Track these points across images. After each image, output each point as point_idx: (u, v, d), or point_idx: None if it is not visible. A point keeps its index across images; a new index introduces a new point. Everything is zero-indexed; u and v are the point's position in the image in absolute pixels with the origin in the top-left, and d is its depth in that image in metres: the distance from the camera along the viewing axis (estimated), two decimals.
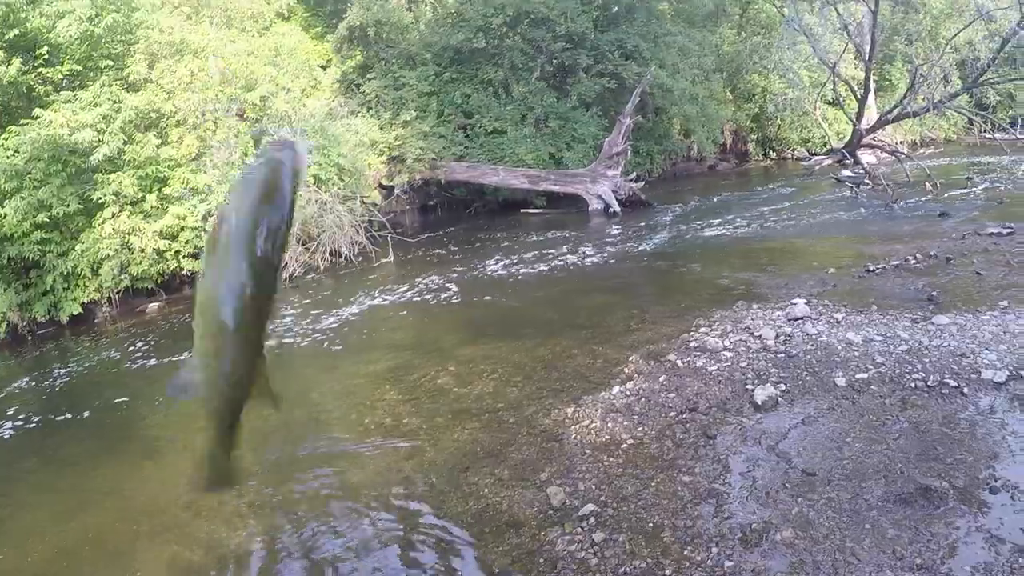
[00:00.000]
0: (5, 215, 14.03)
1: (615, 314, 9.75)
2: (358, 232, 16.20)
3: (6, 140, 14.83)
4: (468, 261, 14.76)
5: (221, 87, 16.57)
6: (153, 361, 11.30)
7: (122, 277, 14.69)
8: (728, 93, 30.60)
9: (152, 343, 12.67)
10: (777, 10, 29.28)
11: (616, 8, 23.63)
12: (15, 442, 9.03)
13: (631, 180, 19.74)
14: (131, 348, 12.59)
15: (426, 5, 24.05)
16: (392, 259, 15.86)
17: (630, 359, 7.49)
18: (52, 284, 14.63)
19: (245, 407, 1.97)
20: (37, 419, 9.61)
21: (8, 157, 14.44)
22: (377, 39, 21.24)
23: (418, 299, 12.28)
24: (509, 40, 21.86)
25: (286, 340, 11.13)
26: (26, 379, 11.96)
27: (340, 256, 15.92)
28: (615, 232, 16.49)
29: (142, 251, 14.58)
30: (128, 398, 9.95)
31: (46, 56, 16.03)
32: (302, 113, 17.63)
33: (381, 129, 18.67)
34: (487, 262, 14.37)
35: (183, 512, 6.09)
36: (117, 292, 14.97)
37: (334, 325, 11.49)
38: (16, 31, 15.52)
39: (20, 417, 9.72)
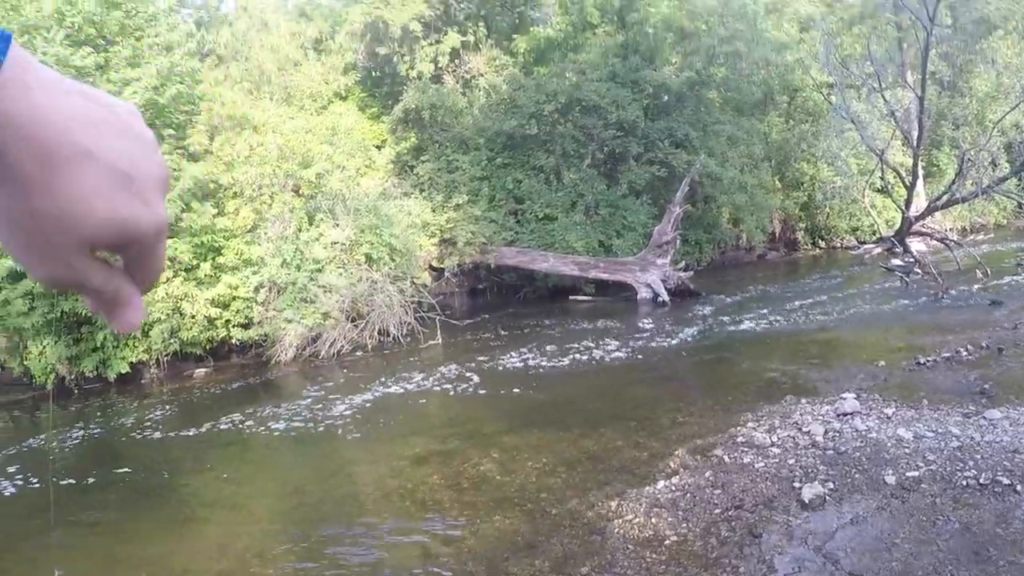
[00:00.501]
0: None
1: (662, 406, 9.61)
2: (407, 312, 16.15)
3: None
4: (515, 347, 14.60)
5: (278, 162, 16.82)
6: (195, 428, 11.24)
7: (171, 341, 14.91)
8: (777, 181, 30.54)
9: (196, 409, 12.74)
10: (824, 98, 29.28)
11: (666, 97, 23.84)
12: (47, 494, 8.99)
13: (680, 269, 19.59)
14: (174, 412, 12.74)
15: (480, 91, 24.42)
16: (440, 341, 15.71)
17: (676, 453, 7.38)
18: (102, 341, 14.91)
19: None
20: (73, 473, 9.67)
21: None
22: (431, 122, 21.54)
23: (464, 383, 12.15)
24: (561, 127, 22.04)
25: (332, 415, 11.07)
26: (68, 431, 12.04)
27: (388, 335, 15.88)
28: (664, 322, 16.28)
29: (193, 317, 14.74)
30: (166, 462, 10.00)
31: None
32: (356, 192, 17.75)
33: (433, 211, 18.78)
34: (534, 348, 14.22)
35: None
36: (166, 355, 15.21)
37: (379, 404, 11.46)
38: None
39: (58, 469, 9.79)
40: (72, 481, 9.34)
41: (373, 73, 26.87)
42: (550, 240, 20.58)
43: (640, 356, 13.08)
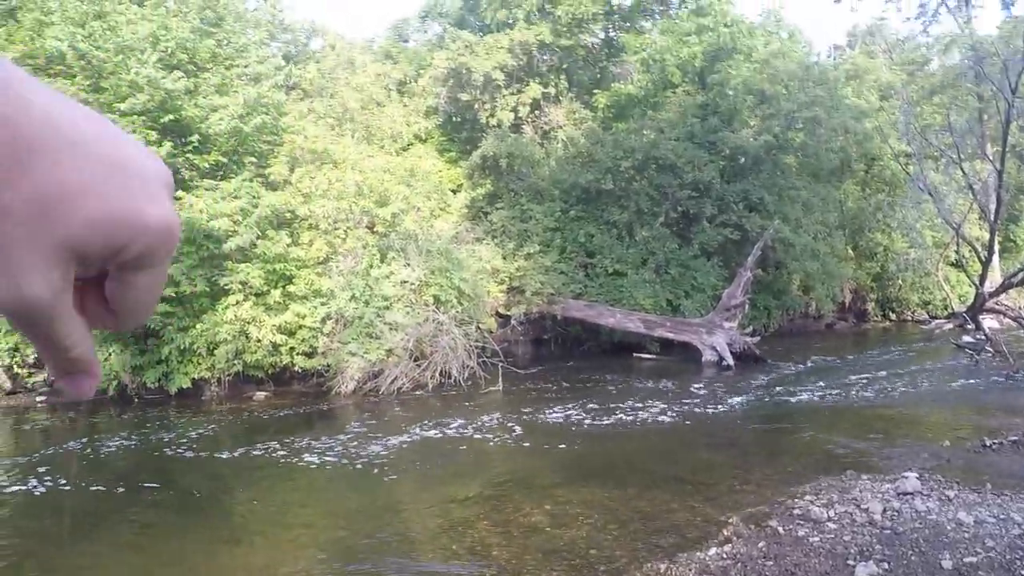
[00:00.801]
0: None
1: (719, 471, 9.44)
2: (470, 356, 16.13)
3: None
4: (576, 400, 14.49)
5: (355, 199, 17.04)
6: (249, 449, 11.39)
7: (235, 362, 15.18)
8: (850, 250, 30.06)
9: (252, 430, 12.89)
10: (902, 168, 28.83)
11: (743, 159, 23.68)
12: (97, 498, 9.27)
13: (747, 334, 19.28)
14: (231, 432, 12.95)
15: (558, 142, 24.58)
16: (500, 388, 15.65)
17: (730, 520, 7.20)
18: (167, 355, 15.25)
19: None
20: (124, 480, 9.85)
21: None
22: (508, 170, 21.66)
23: (521, 431, 12.10)
24: (636, 184, 22.00)
25: (386, 450, 11.10)
26: (124, 439, 12.37)
27: (450, 377, 15.87)
28: (727, 386, 16.00)
29: (258, 341, 14.94)
30: (216, 480, 10.16)
31: (195, 144, 16.91)
32: (429, 233, 17.85)
33: (504, 258, 18.81)
34: (595, 403, 14.09)
35: None
36: (228, 375, 15.48)
37: (435, 444, 11.47)
38: (171, 116, 16.55)
39: (108, 475, 10.03)
40: (121, 489, 9.51)
41: (453, 118, 27.21)
42: (618, 295, 20.45)
43: (701, 419, 12.88)
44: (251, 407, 15.04)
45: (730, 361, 18.30)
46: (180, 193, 15.84)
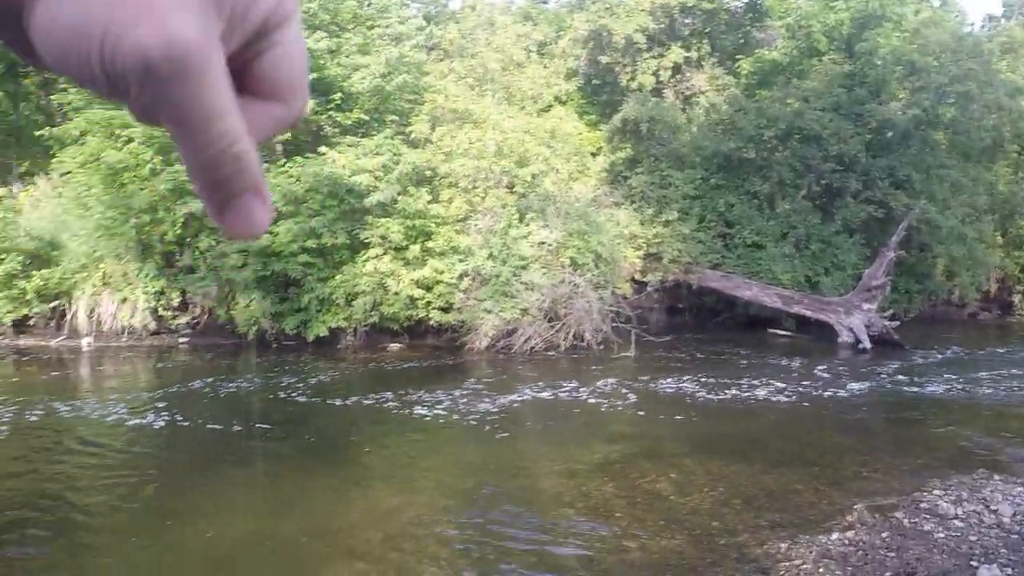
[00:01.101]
0: (278, 234, 14.97)
1: (848, 456, 9.19)
2: (604, 320, 16.07)
3: (291, 168, 15.81)
4: (707, 371, 14.32)
5: (496, 158, 17.05)
6: (380, 398, 11.70)
7: (372, 313, 15.49)
8: (999, 237, 28.37)
9: (385, 380, 13.26)
10: None
11: (890, 134, 22.59)
12: (228, 434, 9.84)
13: (886, 317, 18.52)
14: (363, 380, 13.42)
15: (699, 108, 23.98)
16: (632, 354, 15.58)
17: (855, 507, 7.04)
18: (307, 304, 15.73)
19: None
20: (255, 419, 10.39)
21: (290, 183, 15.36)
22: (649, 135, 21.29)
23: (650, 399, 12.07)
24: (779, 154, 21.33)
25: (516, 408, 11.31)
26: (260, 382, 13.01)
27: (582, 340, 15.88)
28: (862, 369, 15.44)
29: (396, 294, 15.25)
30: (346, 425, 10.54)
31: (338, 102, 17.13)
32: (568, 196, 17.74)
33: (642, 224, 18.57)
34: (726, 376, 13.88)
35: (380, 545, 6.29)
36: (364, 326, 15.91)
37: (564, 405, 11.57)
38: (315, 75, 16.71)
39: (240, 414, 10.63)
40: (252, 427, 10.02)
41: (593, 81, 26.88)
42: (756, 268, 19.96)
43: (832, 401, 12.52)
44: (385, 358, 15.42)
45: (867, 344, 17.64)
46: (323, 149, 16.20)
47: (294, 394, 11.87)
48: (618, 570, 5.82)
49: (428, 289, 15.58)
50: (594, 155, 21.95)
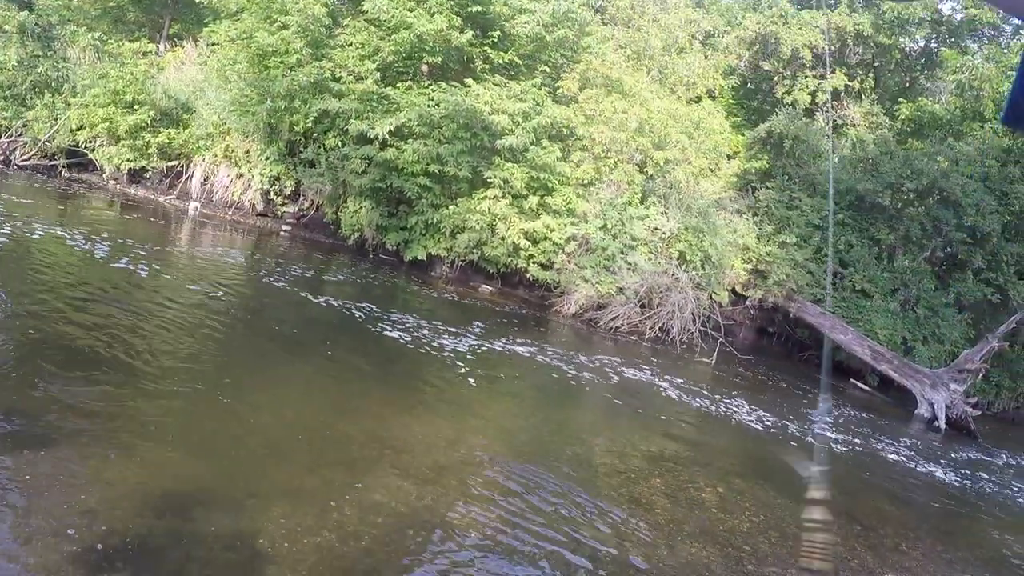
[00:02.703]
0: (405, 150, 15.04)
1: (891, 526, 8.91)
2: (695, 321, 15.90)
3: (433, 92, 15.88)
4: (779, 400, 14.13)
5: (635, 134, 16.83)
6: (458, 331, 11.86)
7: (474, 251, 15.53)
8: None
9: (467, 316, 13.35)
10: None
11: None
12: (301, 330, 10.01)
13: (969, 404, 17.81)
14: (447, 311, 13.56)
15: (847, 140, 23.30)
16: (713, 362, 15.30)
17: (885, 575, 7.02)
18: (413, 224, 16.03)
19: None
20: (335, 322, 10.74)
21: (428, 106, 15.45)
22: (789, 153, 20.81)
23: (718, 410, 11.94)
24: (913, 209, 20.65)
25: (591, 379, 11.31)
26: (348, 287, 13.45)
27: (667, 334, 15.68)
28: (931, 446, 14.99)
29: (503, 239, 15.36)
30: (420, 350, 10.51)
31: (495, 39, 17.15)
32: (694, 190, 17.53)
33: (758, 239, 18.17)
34: (796, 410, 13.65)
35: (428, 470, 6.43)
36: (462, 260, 15.95)
37: (634, 392, 11.57)
38: (479, 8, 16.74)
39: (321, 312, 10.91)
40: (333, 330, 10.26)
41: (748, 84, 26.41)
42: (856, 316, 19.42)
43: (891, 468, 12.15)
44: (474, 296, 15.60)
45: (942, 424, 17.02)
46: (469, 81, 16.23)
47: (377, 307, 12.05)
48: (643, 565, 5.82)
49: (534, 242, 15.58)
50: (730, 158, 21.55)
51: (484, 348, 11.34)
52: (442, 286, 15.64)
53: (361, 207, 16.30)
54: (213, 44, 19.48)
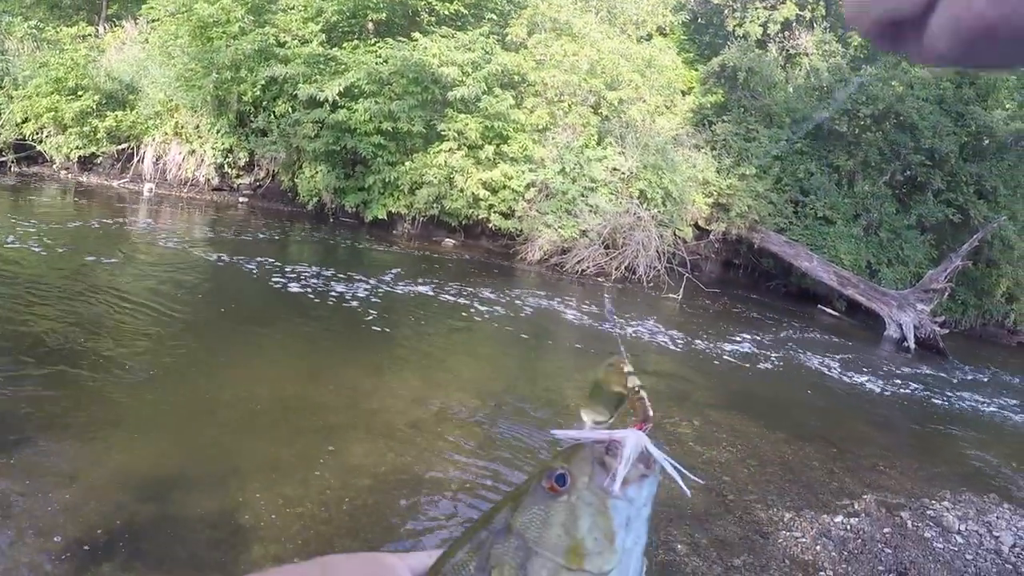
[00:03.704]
0: (356, 110, 14.85)
1: (868, 447, 9.03)
2: (659, 259, 15.91)
3: (380, 49, 15.68)
4: (748, 331, 14.17)
5: (587, 76, 16.74)
6: (423, 287, 11.84)
7: (434, 205, 15.45)
8: None
9: (431, 272, 13.27)
10: None
11: (987, 141, 21.78)
12: (266, 300, 9.94)
13: (936, 323, 17.96)
14: (412, 268, 13.40)
15: (800, 69, 23.29)
16: (679, 298, 15.37)
17: (864, 496, 7.00)
18: (371, 184, 15.88)
19: None
20: (300, 289, 10.48)
21: (376, 64, 15.26)
22: (744, 85, 20.79)
23: (688, 344, 11.99)
24: (870, 134, 20.71)
25: (555, 325, 11.46)
26: (310, 252, 13.30)
27: (634, 273, 15.71)
28: (902, 368, 15.08)
29: (461, 191, 15.27)
30: (388, 308, 10.47)
31: None
32: (650, 128, 17.44)
33: (717, 173, 18.17)
34: (766, 340, 13.73)
35: (404, 428, 6.40)
36: (423, 216, 15.86)
37: (602, 333, 11.47)
38: None
39: (285, 281, 10.70)
40: (298, 297, 10.11)
41: (699, 19, 26.25)
42: (820, 243, 19.51)
43: (864, 390, 12.28)
44: (437, 251, 15.50)
45: (911, 343, 17.20)
46: (416, 35, 16.03)
47: (341, 270, 11.95)
48: None
49: (494, 192, 15.50)
50: (684, 94, 21.47)
51: (451, 302, 11.30)
52: (405, 244, 15.54)
53: (317, 171, 16.14)
54: (153, 21, 19.09)
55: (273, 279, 10.70)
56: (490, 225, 15.86)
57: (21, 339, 6.97)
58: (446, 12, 17.26)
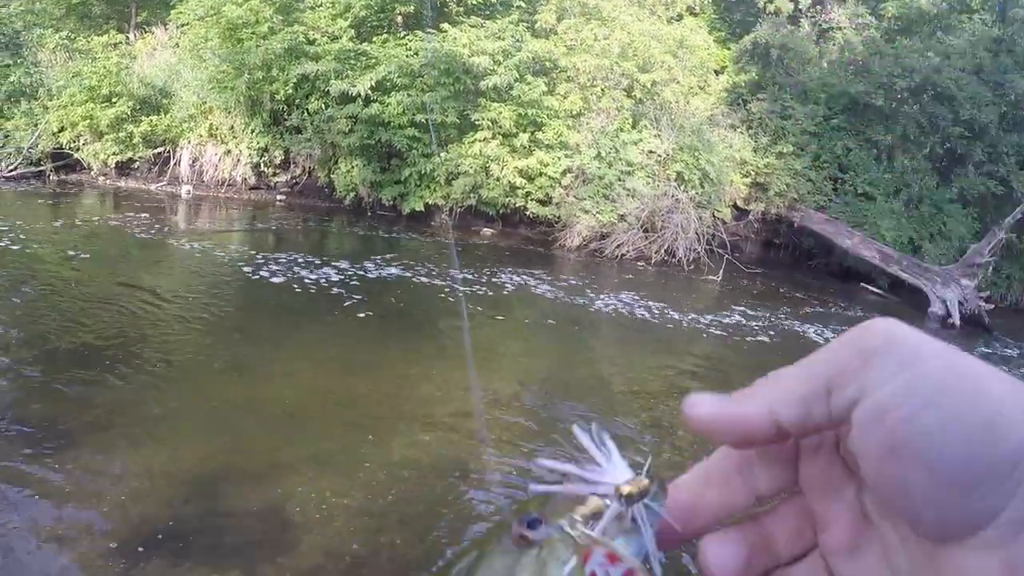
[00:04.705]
0: (390, 104, 14.85)
1: None
2: (699, 240, 15.73)
3: (410, 42, 15.66)
4: (790, 310, 13.98)
5: (618, 59, 16.62)
6: (465, 277, 11.83)
7: (471, 195, 15.44)
8: None
9: (472, 262, 13.31)
10: None
11: None
12: (309, 294, 9.93)
13: (981, 297, 17.60)
14: (452, 259, 13.27)
15: (834, 44, 22.93)
16: (720, 279, 15.19)
17: None
18: (407, 177, 15.88)
19: None
20: (341, 282, 10.54)
21: (407, 57, 15.25)
22: (777, 63, 20.51)
23: (730, 326, 11.82)
24: (908, 107, 20.32)
25: (597, 310, 11.32)
26: (350, 246, 13.47)
27: (674, 256, 15.57)
28: (949, 344, 14.74)
29: (498, 180, 15.25)
30: (429, 300, 10.61)
31: None
32: (685, 109, 17.29)
33: (754, 152, 17.95)
34: (808, 320, 13.49)
35: (448, 418, 6.38)
36: (460, 207, 15.86)
37: (643, 316, 11.41)
38: None
39: (326, 275, 10.77)
40: (340, 290, 10.14)
41: None
42: (861, 220, 19.18)
43: None
44: (476, 240, 15.49)
45: (957, 320, 16.87)
46: (445, 26, 16.02)
47: (382, 262, 11.97)
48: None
49: (530, 179, 15.45)
50: (718, 73, 21.24)
51: (491, 290, 11.28)
52: (443, 234, 15.52)
53: (353, 166, 16.17)
54: (183, 25, 19.22)
55: (311, 273, 10.73)
56: (528, 213, 15.81)
57: (68, 346, 7.02)
58: (474, 2, 17.24)
